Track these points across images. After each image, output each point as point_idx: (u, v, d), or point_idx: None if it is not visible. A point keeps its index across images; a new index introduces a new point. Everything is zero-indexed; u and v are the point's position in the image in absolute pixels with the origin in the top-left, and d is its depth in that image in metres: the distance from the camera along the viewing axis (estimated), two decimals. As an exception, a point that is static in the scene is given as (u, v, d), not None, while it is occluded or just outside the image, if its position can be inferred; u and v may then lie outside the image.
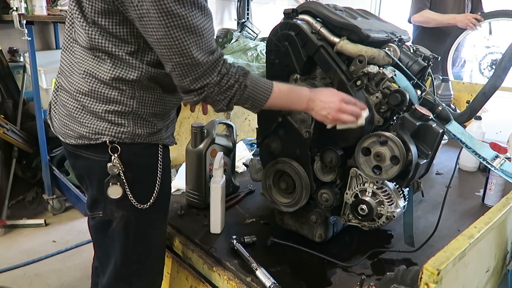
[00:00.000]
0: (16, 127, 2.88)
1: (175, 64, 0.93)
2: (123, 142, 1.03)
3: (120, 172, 1.04)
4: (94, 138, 1.02)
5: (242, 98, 1.01)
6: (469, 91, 2.61)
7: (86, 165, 1.09)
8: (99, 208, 1.12)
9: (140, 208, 1.09)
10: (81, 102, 1.01)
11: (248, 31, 4.20)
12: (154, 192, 1.10)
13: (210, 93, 0.98)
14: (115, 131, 1.02)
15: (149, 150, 1.09)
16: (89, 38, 0.97)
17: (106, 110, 1.00)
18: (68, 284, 2.28)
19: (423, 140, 1.16)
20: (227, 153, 1.61)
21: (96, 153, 1.04)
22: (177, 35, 0.89)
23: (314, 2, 1.22)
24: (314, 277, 1.20)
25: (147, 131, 1.06)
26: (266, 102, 1.05)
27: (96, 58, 0.99)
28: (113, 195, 1.06)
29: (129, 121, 1.03)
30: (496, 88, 1.23)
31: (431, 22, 3.08)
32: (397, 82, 1.21)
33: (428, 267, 0.67)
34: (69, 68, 1.04)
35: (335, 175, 1.23)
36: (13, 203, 2.98)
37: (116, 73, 0.98)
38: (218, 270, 1.22)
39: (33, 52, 2.66)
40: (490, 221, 0.85)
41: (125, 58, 0.98)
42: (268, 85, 1.05)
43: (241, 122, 2.34)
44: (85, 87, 1.00)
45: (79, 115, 1.03)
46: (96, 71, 0.99)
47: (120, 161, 1.03)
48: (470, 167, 2.05)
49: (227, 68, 0.98)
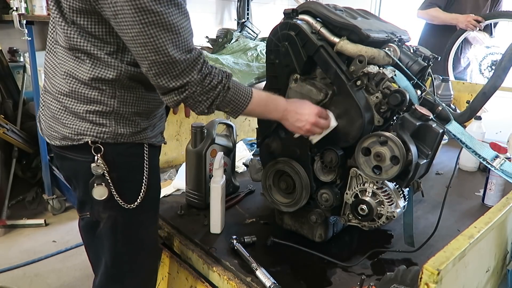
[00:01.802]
0: (16, 127, 2.88)
1: (151, 62, 0.91)
2: (106, 142, 1.02)
3: (105, 173, 1.02)
4: (76, 139, 1.01)
5: (224, 101, 1.01)
6: (469, 91, 2.61)
7: (72, 166, 1.09)
8: (86, 209, 1.11)
9: (127, 208, 1.08)
10: (63, 103, 1.01)
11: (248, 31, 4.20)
12: (141, 192, 1.09)
13: (192, 93, 0.96)
14: (96, 131, 1.01)
15: (134, 149, 1.07)
16: (68, 38, 0.97)
17: (87, 110, 1.00)
18: (68, 284, 2.28)
19: (423, 140, 1.16)
20: (227, 153, 1.61)
21: (80, 154, 1.03)
22: (152, 32, 0.88)
23: (314, 2, 1.22)
24: (314, 277, 1.20)
25: (130, 131, 1.04)
26: (246, 108, 1.05)
27: (76, 58, 0.98)
28: (98, 196, 1.04)
29: (111, 121, 1.02)
30: (496, 88, 1.23)
31: (435, 20, 3.15)
32: (397, 82, 1.21)
33: (428, 267, 0.67)
34: (51, 69, 1.04)
35: (335, 175, 1.23)
36: (13, 203, 2.98)
37: (95, 73, 0.97)
38: (218, 270, 1.22)
39: (33, 52, 2.66)
40: (490, 221, 0.85)
41: (104, 58, 0.97)
42: (248, 90, 1.06)
43: (241, 122, 2.34)
44: (65, 88, 1.00)
45: (61, 116, 1.02)
46: (76, 71, 0.98)
47: (104, 161, 1.02)
48: (470, 167, 2.05)
49: (209, 69, 0.97)
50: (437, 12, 3.10)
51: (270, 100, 1.13)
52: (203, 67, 0.96)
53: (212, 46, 3.68)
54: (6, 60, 3.03)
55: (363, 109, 1.14)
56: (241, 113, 1.06)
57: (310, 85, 1.22)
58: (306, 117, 1.12)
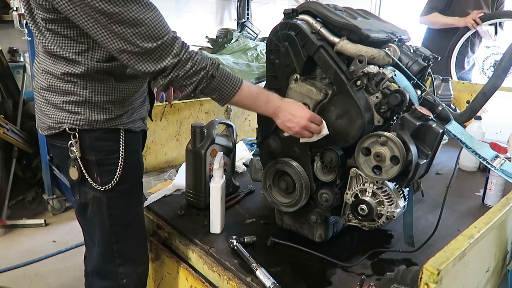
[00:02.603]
0: (16, 127, 2.88)
1: (128, 54, 1.00)
2: (83, 128, 1.13)
3: (77, 156, 1.13)
4: (57, 127, 1.13)
5: (209, 87, 1.08)
6: (469, 91, 2.61)
7: (59, 153, 1.20)
8: (76, 192, 1.22)
9: (109, 189, 1.17)
10: (45, 97, 1.14)
11: (248, 31, 4.20)
12: (116, 174, 1.17)
13: (175, 77, 1.04)
14: (73, 119, 1.12)
15: (110, 134, 1.16)
16: (42, 45, 1.09)
17: (64, 101, 1.11)
18: (68, 284, 2.28)
19: (423, 140, 1.16)
20: (227, 153, 1.61)
21: (62, 141, 1.15)
22: (118, 30, 0.97)
23: (314, 2, 1.22)
24: (314, 277, 1.20)
25: (104, 117, 1.14)
26: (233, 97, 1.11)
27: (51, 58, 1.10)
28: (72, 176, 1.16)
29: (85, 109, 1.12)
30: (496, 88, 1.23)
31: (436, 24, 3.20)
32: (397, 82, 1.21)
33: (428, 267, 0.67)
34: (36, 70, 1.18)
35: (335, 175, 1.23)
36: (13, 203, 2.98)
37: (68, 70, 1.08)
38: (218, 270, 1.22)
39: (33, 52, 2.65)
40: (490, 221, 0.85)
41: (73, 57, 1.07)
42: (237, 81, 1.11)
43: (241, 122, 2.34)
44: (45, 83, 1.12)
45: (45, 109, 1.15)
46: (51, 68, 1.10)
47: (82, 145, 1.14)
48: (470, 167, 2.05)
49: (189, 54, 1.04)
50: (438, 17, 3.16)
51: (262, 95, 1.17)
52: (181, 51, 1.03)
53: (212, 46, 3.68)
54: (6, 60, 3.03)
55: (363, 109, 1.14)
56: (227, 102, 1.12)
57: (310, 85, 1.22)
58: (297, 120, 1.15)
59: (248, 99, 1.15)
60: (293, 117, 1.16)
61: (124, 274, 1.27)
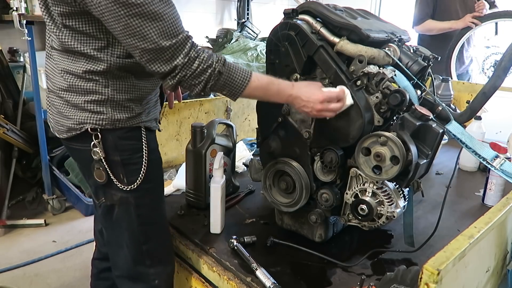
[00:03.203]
0: (16, 127, 2.88)
1: (142, 51, 0.98)
2: (105, 128, 1.10)
3: (102, 157, 1.11)
4: (78, 128, 1.10)
5: (218, 84, 1.06)
6: (469, 91, 2.61)
7: (80, 156, 1.17)
8: (101, 195, 1.19)
9: (135, 189, 1.15)
10: (64, 98, 1.10)
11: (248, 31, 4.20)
12: (141, 173, 1.15)
13: (183, 77, 1.02)
14: (95, 119, 1.09)
15: (133, 133, 1.15)
16: (60, 41, 1.06)
17: (85, 101, 1.08)
18: (68, 284, 2.28)
19: (423, 140, 1.16)
20: (227, 153, 1.61)
21: (84, 143, 1.12)
22: (137, 23, 0.94)
23: (314, 2, 1.22)
24: (314, 277, 1.20)
25: (126, 116, 1.12)
26: (244, 91, 1.09)
27: (69, 57, 1.07)
28: (99, 178, 1.13)
29: (107, 108, 1.09)
30: (496, 88, 1.23)
31: (433, 30, 3.18)
32: (397, 82, 1.21)
33: (428, 267, 0.67)
34: (51, 71, 1.14)
35: (335, 175, 1.23)
36: (13, 203, 2.98)
37: (88, 67, 1.06)
38: (218, 270, 1.22)
39: (33, 52, 2.66)
40: (490, 221, 0.85)
41: (93, 54, 1.05)
42: (246, 74, 1.08)
43: (241, 122, 2.34)
44: (64, 84, 1.09)
45: (64, 110, 1.11)
46: (71, 68, 1.07)
47: (106, 145, 1.11)
48: (470, 167, 2.05)
49: (197, 52, 1.02)
50: (433, 23, 3.15)
51: (273, 84, 1.14)
52: (190, 51, 1.01)
53: (212, 46, 3.68)
54: (6, 60, 3.03)
55: (363, 109, 1.14)
56: (239, 96, 1.10)
57: (310, 85, 1.22)
58: (311, 105, 1.12)
59: (259, 91, 1.12)
60: (307, 102, 1.12)
61: (155, 275, 1.25)
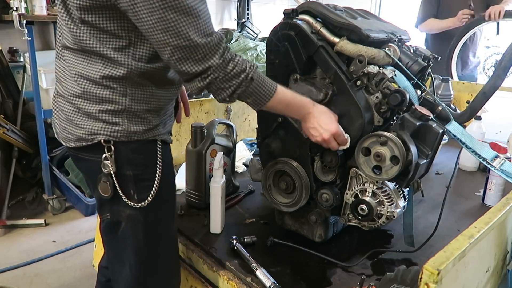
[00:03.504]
0: (16, 127, 2.88)
1: (173, 48, 0.91)
2: (120, 140, 1.02)
3: (111, 171, 1.02)
4: (90, 139, 1.02)
5: (246, 91, 1.00)
6: (469, 91, 2.61)
7: (88, 167, 1.09)
8: (106, 210, 1.10)
9: (145, 206, 1.07)
10: (76, 105, 1.02)
11: (248, 31, 4.20)
12: (154, 189, 1.07)
13: (215, 79, 0.95)
14: (110, 130, 1.01)
15: (148, 146, 1.07)
16: (77, 39, 0.97)
17: (100, 110, 1.00)
18: (68, 284, 2.28)
19: (423, 140, 1.16)
20: (227, 153, 1.61)
21: (94, 154, 1.03)
22: (172, 17, 0.88)
23: (314, 2, 1.22)
24: (314, 277, 1.20)
25: (143, 128, 1.04)
26: (268, 102, 1.04)
27: (85, 59, 0.99)
28: (103, 192, 1.05)
29: (123, 119, 1.02)
30: (496, 88, 1.23)
31: (434, 29, 3.23)
32: (397, 82, 1.21)
33: (428, 267, 0.67)
34: (62, 73, 1.05)
35: (335, 175, 1.23)
36: (13, 203, 2.98)
37: (106, 72, 0.98)
38: (218, 270, 1.22)
39: (33, 52, 2.65)
40: (490, 221, 0.85)
41: (112, 55, 0.97)
42: (273, 85, 1.05)
43: (241, 122, 2.34)
44: (77, 90, 1.00)
45: (75, 118, 1.03)
46: (87, 72, 0.99)
47: (118, 159, 1.03)
48: (470, 167, 2.05)
49: (231, 55, 0.97)
50: (433, 22, 3.20)
51: (295, 100, 1.12)
52: (225, 52, 0.96)
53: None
54: (6, 60, 3.02)
55: (363, 109, 1.14)
56: (262, 107, 1.05)
57: (310, 85, 1.22)
58: (322, 131, 1.12)
59: (282, 104, 1.09)
60: (319, 127, 1.12)
61: None
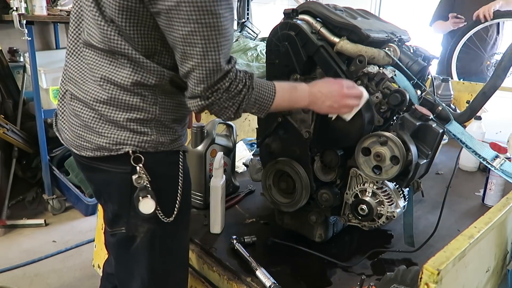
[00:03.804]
0: (16, 127, 2.88)
1: (196, 65, 0.87)
2: (146, 151, 0.95)
3: (147, 184, 0.95)
4: (115, 149, 0.94)
5: (249, 103, 0.96)
6: (469, 91, 2.61)
7: (105, 178, 1.00)
8: (121, 224, 1.02)
9: (165, 221, 1.01)
10: (99, 111, 0.93)
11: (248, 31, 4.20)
12: (177, 202, 1.02)
13: (218, 99, 0.91)
14: (138, 140, 0.94)
15: (172, 157, 1.02)
16: (107, 38, 0.89)
17: (128, 118, 0.93)
18: (68, 284, 2.28)
19: (423, 140, 1.16)
20: (227, 153, 1.61)
21: (116, 165, 0.96)
22: (206, 34, 0.83)
23: (314, 2, 1.22)
24: (314, 277, 1.20)
25: (169, 138, 0.99)
26: (272, 104, 1.00)
27: (113, 62, 0.92)
28: (146, 209, 0.95)
29: (152, 129, 0.96)
30: (496, 88, 1.23)
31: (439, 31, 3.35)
32: (397, 82, 1.21)
33: (428, 267, 0.67)
34: (80, 75, 0.97)
35: (335, 175, 1.23)
36: (13, 203, 2.98)
37: (137, 78, 0.91)
38: (218, 270, 1.22)
39: (33, 52, 2.66)
40: (490, 221, 0.85)
41: (145, 62, 0.91)
42: (270, 85, 1.00)
43: (241, 122, 2.34)
44: (103, 95, 0.92)
45: (96, 125, 0.94)
46: (115, 76, 0.92)
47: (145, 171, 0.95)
48: (470, 167, 2.05)
49: (235, 73, 0.92)
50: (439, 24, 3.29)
51: (294, 88, 1.06)
52: (236, 75, 0.93)
53: (212, 46, 3.67)
54: (6, 60, 3.02)
55: (363, 109, 1.14)
56: (267, 111, 1.01)
57: (310, 85, 1.22)
58: (333, 93, 1.05)
59: (284, 101, 1.03)
60: (326, 94, 1.05)
61: None
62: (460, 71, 3.18)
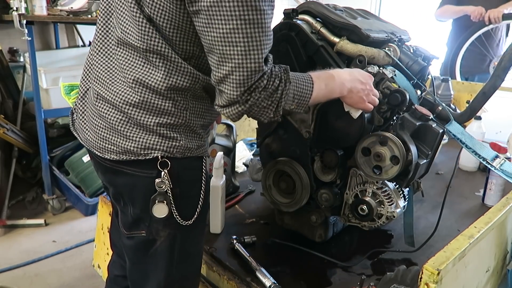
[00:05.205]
0: (16, 127, 2.88)
1: (236, 66, 0.81)
2: (174, 156, 0.93)
3: (168, 189, 0.93)
4: (143, 154, 0.91)
5: (288, 98, 0.90)
6: (469, 91, 2.61)
7: (129, 182, 0.97)
8: (141, 227, 1.00)
9: (185, 225, 0.99)
10: (128, 114, 0.90)
11: (248, 31, 4.19)
12: (198, 207, 1.00)
13: (256, 100, 0.85)
14: (167, 146, 0.92)
15: (196, 163, 1.00)
16: (147, 36, 0.86)
17: (158, 122, 0.90)
18: (68, 284, 2.28)
19: (423, 140, 1.16)
20: (227, 153, 1.61)
21: (142, 169, 0.94)
22: (249, 31, 0.78)
23: (314, 2, 1.22)
24: (314, 277, 1.20)
25: (196, 144, 0.97)
26: (311, 97, 0.95)
27: (147, 63, 0.88)
28: (158, 213, 0.95)
29: (181, 134, 0.93)
30: (496, 88, 1.23)
31: (447, 13, 3.16)
32: (397, 82, 1.21)
33: (428, 267, 0.67)
34: (108, 74, 0.94)
35: (335, 175, 1.23)
36: (13, 203, 2.98)
37: (171, 82, 0.89)
38: (218, 270, 1.22)
39: (33, 52, 2.66)
40: (490, 221, 0.85)
41: (179, 63, 0.88)
42: (307, 77, 0.95)
43: (241, 122, 2.34)
44: (134, 98, 0.89)
45: (124, 128, 0.91)
46: (149, 79, 0.88)
47: (171, 176, 0.93)
48: (470, 167, 2.05)
49: (270, 69, 0.87)
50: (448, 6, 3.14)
51: (330, 78, 1.00)
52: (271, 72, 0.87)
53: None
54: (6, 60, 3.03)
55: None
56: (307, 105, 0.96)
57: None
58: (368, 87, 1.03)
59: (322, 91, 0.97)
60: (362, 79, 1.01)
61: None
62: (465, 70, 3.12)
